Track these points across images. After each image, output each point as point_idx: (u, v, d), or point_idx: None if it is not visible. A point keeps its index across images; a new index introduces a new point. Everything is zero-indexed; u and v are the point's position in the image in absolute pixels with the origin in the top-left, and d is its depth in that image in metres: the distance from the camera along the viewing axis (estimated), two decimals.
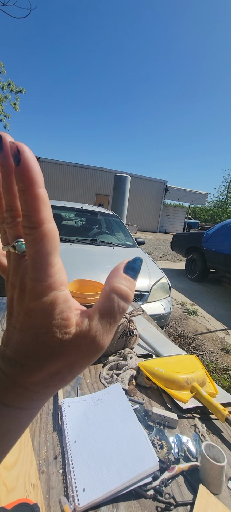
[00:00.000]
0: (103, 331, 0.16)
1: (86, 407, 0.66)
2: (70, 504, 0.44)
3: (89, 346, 0.16)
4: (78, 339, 0.16)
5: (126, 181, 6.78)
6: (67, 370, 0.16)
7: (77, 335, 0.16)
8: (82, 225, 4.07)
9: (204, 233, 5.40)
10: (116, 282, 0.17)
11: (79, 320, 0.16)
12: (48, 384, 0.16)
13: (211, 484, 0.50)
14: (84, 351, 0.16)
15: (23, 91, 10.33)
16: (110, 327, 0.16)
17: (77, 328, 0.16)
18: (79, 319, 0.16)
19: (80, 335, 0.16)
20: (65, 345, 0.16)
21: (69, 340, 0.16)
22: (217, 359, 2.55)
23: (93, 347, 0.16)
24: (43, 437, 0.57)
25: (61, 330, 0.16)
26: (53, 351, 0.16)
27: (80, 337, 0.16)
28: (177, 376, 0.77)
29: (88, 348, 0.16)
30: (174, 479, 0.52)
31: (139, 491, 0.48)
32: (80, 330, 0.16)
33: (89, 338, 0.16)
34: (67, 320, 0.16)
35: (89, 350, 0.16)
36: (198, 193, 20.49)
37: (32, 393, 0.16)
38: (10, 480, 0.44)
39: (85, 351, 0.16)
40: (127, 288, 0.17)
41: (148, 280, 2.32)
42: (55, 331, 0.16)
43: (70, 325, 0.16)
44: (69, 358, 0.16)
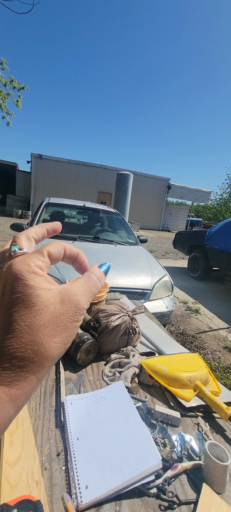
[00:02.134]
0: (82, 294, 0.21)
1: (89, 404, 0.66)
2: (73, 501, 0.44)
3: (72, 302, 0.20)
4: (62, 295, 0.20)
5: (128, 178, 6.75)
6: (55, 324, 0.19)
7: (60, 292, 0.20)
8: (84, 222, 4.07)
9: (207, 231, 5.36)
10: (93, 269, 0.25)
11: (62, 285, 0.21)
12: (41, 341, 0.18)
13: (215, 483, 0.50)
14: (68, 307, 0.20)
15: (25, 88, 10.33)
16: (88, 293, 0.22)
17: (60, 287, 0.21)
18: (61, 285, 0.21)
19: (64, 292, 0.20)
20: (49, 297, 0.19)
21: (54, 294, 0.20)
22: (220, 357, 2.54)
23: (75, 303, 0.20)
24: (46, 434, 0.57)
25: (41, 284, 0.20)
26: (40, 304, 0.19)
27: (63, 293, 0.20)
28: (180, 374, 0.77)
29: (71, 304, 0.20)
30: (177, 478, 0.52)
31: (141, 489, 0.48)
32: (64, 287, 0.21)
33: (71, 295, 0.20)
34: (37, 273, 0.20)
35: (72, 306, 0.20)
36: (201, 191, 20.35)
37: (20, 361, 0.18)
38: (13, 477, 0.44)
39: (69, 306, 0.20)
40: (101, 274, 0.24)
41: (150, 278, 2.31)
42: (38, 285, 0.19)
43: (40, 274, 0.20)
44: (54, 310, 0.19)
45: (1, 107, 10.08)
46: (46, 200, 3.46)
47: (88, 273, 0.24)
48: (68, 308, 0.20)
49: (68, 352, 0.84)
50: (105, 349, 0.92)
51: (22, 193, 18.27)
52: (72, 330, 0.20)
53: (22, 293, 0.18)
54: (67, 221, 3.94)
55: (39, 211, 3.15)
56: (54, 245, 0.23)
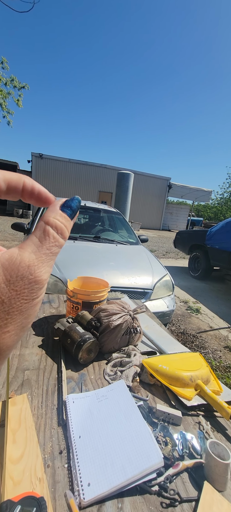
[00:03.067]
0: (39, 261, 0.15)
1: (91, 403, 0.66)
2: (75, 498, 0.44)
3: (24, 278, 0.15)
4: (8, 271, 0.15)
5: (129, 178, 6.75)
6: (3, 312, 0.14)
7: (4, 266, 0.15)
8: (85, 222, 4.07)
9: (207, 230, 5.36)
10: (51, 217, 0.17)
11: (6, 253, 0.15)
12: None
13: (216, 481, 0.50)
14: (19, 286, 0.15)
15: (26, 87, 10.33)
16: (46, 258, 0.16)
17: (4, 257, 0.15)
18: (6, 252, 0.16)
19: (10, 267, 0.15)
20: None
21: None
22: (220, 357, 2.54)
23: (29, 279, 0.15)
24: (48, 432, 0.58)
25: None
26: None
27: (9, 268, 0.15)
28: (181, 373, 0.77)
29: (23, 281, 0.15)
30: (178, 476, 0.52)
31: (143, 487, 0.49)
32: (9, 258, 0.15)
33: (21, 268, 0.15)
34: None
35: (25, 284, 0.15)
36: (202, 190, 20.32)
37: None
38: (16, 474, 0.45)
39: (21, 285, 0.15)
40: (62, 224, 0.17)
41: (151, 277, 2.31)
42: None
43: None
44: (1, 296, 0.14)
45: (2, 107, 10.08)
46: None
47: (43, 226, 0.17)
48: (20, 287, 0.15)
49: (70, 351, 0.85)
50: (106, 348, 0.92)
51: None
52: (31, 310, 0.16)
53: None
54: None
55: (40, 211, 3.16)
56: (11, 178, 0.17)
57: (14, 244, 6.57)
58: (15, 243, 6.65)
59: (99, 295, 1.13)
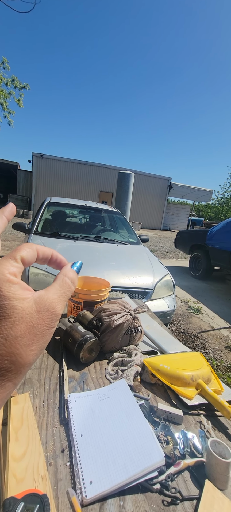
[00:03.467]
0: (58, 300, 0.21)
1: (92, 402, 0.67)
2: (77, 495, 0.45)
3: (48, 310, 0.20)
4: (38, 304, 0.20)
5: (129, 178, 6.75)
6: (32, 334, 0.19)
7: (36, 301, 0.20)
8: (86, 222, 4.07)
9: (208, 230, 5.36)
10: (67, 271, 0.24)
11: (37, 292, 0.21)
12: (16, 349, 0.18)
13: (217, 480, 0.50)
14: (45, 316, 0.20)
15: (27, 87, 10.34)
16: (63, 298, 0.22)
17: (36, 295, 0.21)
18: (37, 292, 0.21)
19: (40, 301, 0.20)
20: (25, 307, 0.19)
21: (30, 304, 0.20)
22: (221, 357, 2.54)
23: (51, 311, 0.20)
24: (50, 431, 0.58)
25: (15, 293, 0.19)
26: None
27: (39, 303, 0.20)
28: (182, 373, 0.77)
29: (47, 312, 0.20)
30: (180, 474, 0.52)
31: (145, 485, 0.49)
32: (39, 296, 0.21)
33: (47, 303, 0.20)
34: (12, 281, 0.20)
35: (48, 315, 0.20)
36: (203, 190, 20.30)
37: None
38: (19, 471, 0.45)
39: (46, 315, 0.20)
40: (73, 276, 0.24)
41: (152, 277, 2.31)
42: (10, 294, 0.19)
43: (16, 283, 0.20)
44: (31, 320, 0.19)
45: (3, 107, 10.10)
46: (48, 199, 3.47)
47: (62, 277, 0.23)
48: (45, 316, 0.20)
49: (71, 351, 0.85)
50: (108, 348, 0.93)
51: (24, 192, 18.31)
52: (49, 336, 0.21)
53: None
54: (69, 221, 3.95)
55: (41, 211, 3.16)
56: (27, 249, 0.22)
57: (15, 244, 6.57)
58: (16, 243, 6.65)
59: (101, 294, 1.13)
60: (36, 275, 2.01)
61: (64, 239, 2.74)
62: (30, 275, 1.99)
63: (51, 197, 3.64)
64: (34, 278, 1.98)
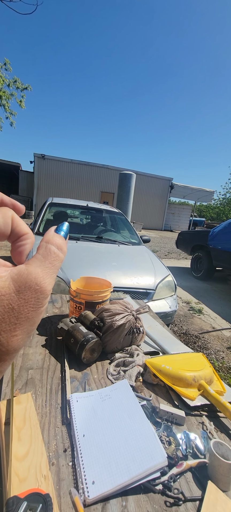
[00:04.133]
0: (43, 273, 0.18)
1: (94, 402, 0.67)
2: (80, 495, 0.45)
3: (31, 288, 0.17)
4: (17, 283, 0.17)
5: (131, 178, 6.75)
6: (13, 317, 0.16)
7: (14, 278, 0.17)
8: (87, 222, 4.08)
9: (210, 231, 5.34)
10: (50, 237, 0.20)
11: (15, 268, 0.18)
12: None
13: (220, 481, 0.50)
14: (27, 295, 0.17)
15: (29, 88, 10.37)
16: (49, 271, 0.18)
17: (14, 271, 0.17)
18: (14, 268, 0.18)
19: (19, 279, 0.17)
20: (0, 287, 0.16)
21: (7, 283, 0.16)
22: (223, 357, 2.53)
23: (35, 289, 0.17)
24: (52, 431, 0.58)
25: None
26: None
27: (18, 280, 0.17)
28: (184, 373, 0.77)
29: (30, 290, 0.17)
30: (182, 475, 0.52)
31: (147, 486, 0.49)
32: (18, 272, 0.17)
33: (29, 280, 0.17)
34: None
35: (32, 293, 0.17)
36: (204, 191, 20.25)
37: None
38: (22, 471, 0.45)
39: (28, 294, 0.17)
40: (60, 241, 0.20)
41: (153, 278, 2.31)
42: None
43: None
44: (9, 303, 0.16)
45: (5, 108, 10.14)
46: (49, 200, 3.48)
47: (45, 245, 0.19)
48: (28, 296, 0.17)
49: (73, 351, 0.85)
50: (109, 348, 0.93)
51: (25, 193, 18.37)
52: (36, 318, 0.18)
53: None
54: (71, 221, 3.96)
55: (42, 211, 3.17)
56: (2, 220, 0.19)
57: None
58: None
59: (102, 295, 1.13)
60: None
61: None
62: None
63: (53, 197, 3.65)
64: None
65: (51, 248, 0.19)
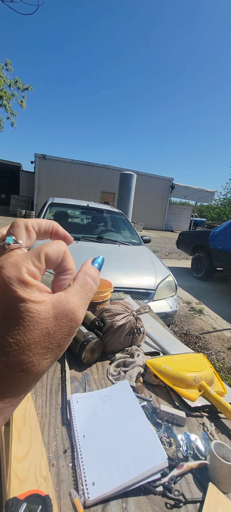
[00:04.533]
0: (79, 303, 0.19)
1: (95, 403, 0.66)
2: (80, 497, 0.45)
3: (67, 316, 0.18)
4: (56, 309, 0.18)
5: (131, 178, 6.75)
6: (47, 341, 0.17)
7: (54, 304, 0.18)
8: (88, 222, 4.08)
9: (210, 231, 5.33)
10: (87, 268, 0.22)
11: (56, 294, 0.18)
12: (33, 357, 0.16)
13: (221, 483, 0.50)
14: (63, 322, 0.18)
15: (30, 89, 10.40)
16: (84, 301, 0.19)
17: (54, 297, 0.18)
18: (55, 294, 0.19)
19: (58, 305, 0.18)
20: (41, 311, 0.17)
21: (47, 308, 0.17)
22: (224, 358, 2.52)
23: (71, 317, 0.18)
24: (52, 431, 0.58)
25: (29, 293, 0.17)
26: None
27: (57, 307, 0.18)
28: (185, 374, 0.77)
29: (66, 318, 0.18)
30: (183, 477, 0.52)
31: (148, 487, 0.49)
32: (58, 299, 0.18)
33: (67, 308, 0.18)
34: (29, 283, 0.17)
35: (67, 321, 0.18)
36: (205, 191, 20.23)
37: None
38: (22, 472, 0.45)
39: (64, 321, 0.18)
40: (95, 274, 0.22)
41: (154, 278, 2.31)
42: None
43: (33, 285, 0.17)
44: (47, 327, 0.17)
45: (6, 108, 10.16)
46: (50, 200, 3.48)
47: (83, 275, 0.21)
48: (63, 323, 0.17)
49: (74, 351, 0.85)
50: (110, 348, 0.92)
51: (26, 193, 18.39)
52: (66, 344, 0.18)
53: (10, 305, 0.16)
54: (71, 221, 3.96)
55: (43, 211, 3.17)
56: (54, 247, 0.19)
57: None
58: None
59: (103, 295, 1.13)
60: None
61: None
62: None
63: (54, 197, 3.65)
64: None
65: (88, 279, 0.21)
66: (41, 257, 0.18)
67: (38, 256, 0.18)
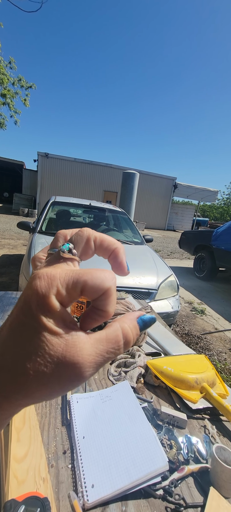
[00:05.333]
0: (93, 359, 0.15)
1: (95, 403, 0.66)
2: (79, 499, 0.44)
3: (70, 366, 0.14)
4: (64, 349, 0.15)
5: (134, 177, 6.73)
6: (41, 378, 0.14)
7: (67, 342, 0.15)
8: (90, 221, 4.07)
9: (213, 231, 5.30)
10: (126, 324, 0.17)
11: (72, 338, 0.15)
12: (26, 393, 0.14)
13: (222, 487, 0.49)
14: (61, 369, 0.14)
15: (33, 87, 10.40)
16: (99, 361, 0.15)
17: (70, 336, 0.15)
18: (74, 331, 0.16)
19: (67, 346, 0.15)
20: (52, 343, 0.14)
21: (58, 344, 0.15)
22: (226, 359, 2.51)
23: (74, 371, 0.15)
24: (52, 432, 0.58)
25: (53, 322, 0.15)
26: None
27: (66, 349, 0.15)
28: (186, 375, 0.76)
29: (68, 367, 0.14)
30: (183, 480, 0.51)
31: (148, 491, 0.48)
32: (73, 339, 0.15)
33: (76, 360, 0.15)
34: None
35: (68, 371, 0.14)
36: (208, 190, 20.10)
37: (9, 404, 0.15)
38: (21, 473, 0.45)
39: (63, 370, 0.14)
40: (131, 337, 0.17)
41: (156, 278, 2.30)
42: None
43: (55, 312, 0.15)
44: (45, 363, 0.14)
45: (9, 106, 10.18)
46: (52, 198, 3.48)
47: (116, 328, 0.17)
48: (63, 371, 0.14)
49: None
50: None
51: (29, 191, 18.45)
52: (56, 394, 0.15)
53: (27, 317, 0.15)
54: (73, 220, 3.96)
55: (45, 210, 3.17)
56: (97, 281, 0.16)
57: (19, 242, 6.62)
58: (20, 242, 6.70)
59: None
60: None
61: None
62: None
63: (56, 196, 3.65)
64: None
65: (119, 338, 0.16)
66: (78, 285, 0.16)
67: (75, 282, 0.16)
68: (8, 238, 7.10)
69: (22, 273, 2.21)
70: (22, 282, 2.09)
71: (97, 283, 0.16)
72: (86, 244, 0.19)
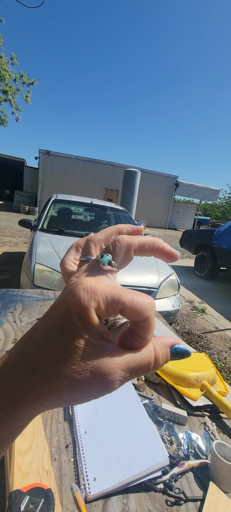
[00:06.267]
0: (122, 379, 0.16)
1: (96, 399, 0.67)
2: (81, 491, 0.45)
3: (100, 377, 0.15)
4: (97, 361, 0.15)
5: (135, 176, 6.72)
6: (73, 382, 0.15)
7: (101, 356, 0.15)
8: (91, 219, 4.08)
9: (215, 230, 5.30)
10: (160, 350, 0.17)
11: (106, 348, 0.16)
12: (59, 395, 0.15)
13: (222, 482, 0.50)
14: (94, 378, 0.15)
15: (35, 83, 10.37)
16: (127, 377, 0.16)
17: (104, 353, 0.16)
18: (107, 347, 0.16)
19: (102, 363, 0.15)
20: (88, 354, 0.15)
21: (95, 354, 0.15)
22: (226, 358, 2.52)
23: (107, 383, 0.15)
24: (54, 426, 0.59)
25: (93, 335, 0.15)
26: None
27: (98, 360, 0.15)
28: (187, 373, 0.77)
29: (98, 377, 0.15)
30: (183, 475, 0.52)
31: (148, 484, 0.49)
32: (107, 360, 0.15)
33: (107, 368, 0.15)
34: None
35: (99, 380, 0.15)
36: (210, 189, 20.03)
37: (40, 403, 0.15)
38: (24, 465, 0.46)
39: (95, 379, 0.15)
40: (160, 363, 0.17)
41: (157, 276, 2.31)
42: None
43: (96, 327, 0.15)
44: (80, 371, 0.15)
45: (11, 103, 10.16)
46: (54, 196, 3.49)
47: (149, 350, 0.17)
48: (96, 380, 0.15)
49: None
50: None
51: (30, 189, 18.45)
52: (90, 398, 0.16)
53: (67, 328, 0.15)
54: (75, 218, 3.97)
55: (46, 208, 3.18)
56: (137, 307, 0.16)
57: (20, 240, 6.64)
58: (21, 239, 6.72)
59: None
60: (42, 272, 2.02)
61: (70, 236, 2.76)
62: (36, 272, 2.00)
63: (57, 194, 3.65)
64: (39, 275, 2.00)
65: (150, 361, 0.16)
66: (118, 306, 0.16)
67: (115, 302, 0.15)
68: (9, 235, 7.12)
69: (23, 270, 2.22)
70: (24, 280, 2.10)
71: (137, 309, 0.16)
72: (126, 253, 0.19)
